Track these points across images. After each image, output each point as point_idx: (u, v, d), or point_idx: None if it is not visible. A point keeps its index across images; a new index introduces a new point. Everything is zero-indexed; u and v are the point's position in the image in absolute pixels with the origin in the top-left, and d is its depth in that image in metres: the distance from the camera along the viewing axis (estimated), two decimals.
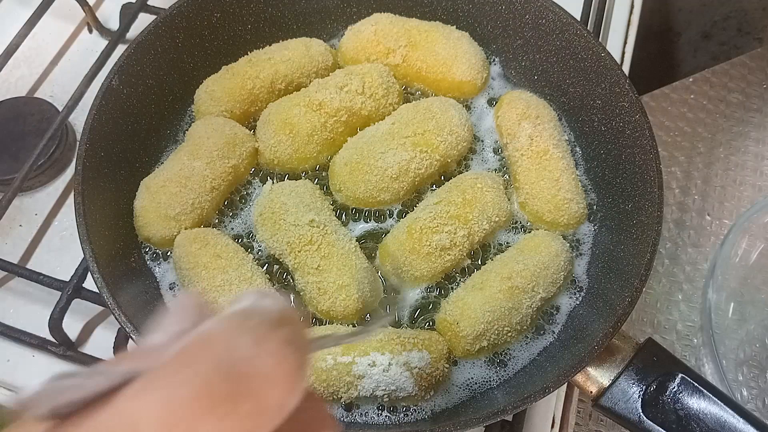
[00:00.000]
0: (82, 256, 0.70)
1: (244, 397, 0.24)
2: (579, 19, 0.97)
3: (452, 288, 0.79)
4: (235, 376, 0.24)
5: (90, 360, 0.79)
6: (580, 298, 0.80)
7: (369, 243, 0.83)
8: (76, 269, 0.81)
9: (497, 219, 0.80)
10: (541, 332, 0.78)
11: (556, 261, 0.77)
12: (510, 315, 0.73)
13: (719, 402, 0.67)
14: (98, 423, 0.24)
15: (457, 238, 0.77)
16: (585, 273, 0.82)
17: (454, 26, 0.92)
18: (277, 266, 0.80)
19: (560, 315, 0.79)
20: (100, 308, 0.84)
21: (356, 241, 0.79)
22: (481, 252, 0.82)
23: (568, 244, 0.81)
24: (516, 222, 0.84)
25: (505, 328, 0.73)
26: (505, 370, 0.75)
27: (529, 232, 0.83)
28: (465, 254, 0.79)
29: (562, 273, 0.78)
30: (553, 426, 0.81)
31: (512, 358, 0.76)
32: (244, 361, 0.25)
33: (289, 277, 0.80)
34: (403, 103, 0.89)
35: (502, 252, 0.81)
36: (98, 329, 0.84)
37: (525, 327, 0.76)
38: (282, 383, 0.25)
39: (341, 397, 0.69)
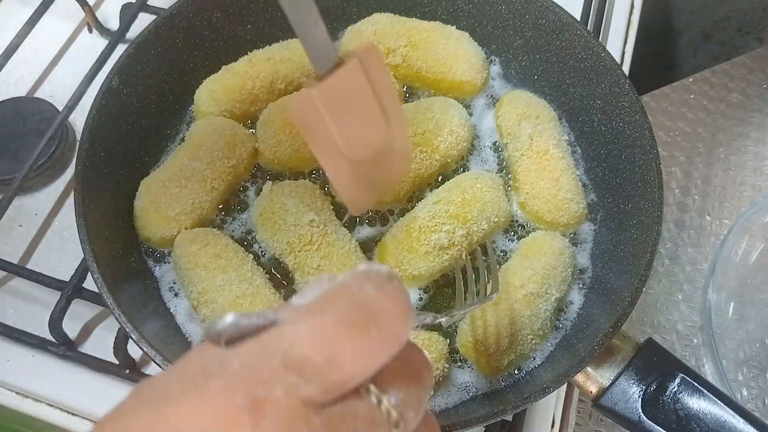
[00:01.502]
0: (82, 256, 0.70)
1: (372, 325, 0.32)
2: (579, 19, 0.97)
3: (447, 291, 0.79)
4: (365, 310, 0.32)
5: (90, 360, 0.79)
6: (581, 298, 0.80)
7: (369, 243, 0.83)
8: (76, 269, 0.81)
9: (496, 219, 0.80)
10: (559, 330, 0.78)
11: (562, 259, 0.77)
12: (531, 322, 0.74)
13: (719, 402, 0.67)
14: (261, 342, 0.31)
15: (455, 238, 0.77)
16: (585, 273, 0.82)
17: (454, 26, 0.92)
18: (277, 266, 0.80)
19: (571, 310, 0.79)
20: (100, 308, 0.84)
21: (356, 241, 0.79)
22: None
23: (568, 240, 0.81)
24: (514, 221, 0.85)
25: (529, 336, 0.74)
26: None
27: (528, 234, 0.83)
28: (463, 254, 0.79)
29: (570, 269, 0.78)
30: (553, 426, 0.81)
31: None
32: (370, 299, 0.32)
33: (289, 277, 0.80)
34: (403, 103, 0.89)
35: (506, 259, 0.81)
36: (98, 329, 0.84)
37: (546, 330, 0.76)
38: (398, 316, 0.33)
39: None
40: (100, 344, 0.82)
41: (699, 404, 0.67)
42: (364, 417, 0.32)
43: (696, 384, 0.68)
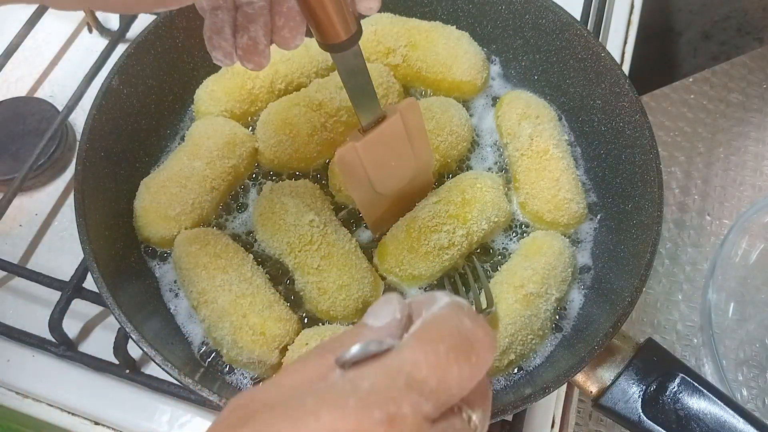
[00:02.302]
0: (82, 256, 0.70)
1: (472, 353, 0.37)
2: (579, 19, 0.97)
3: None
4: (467, 341, 0.37)
5: (90, 360, 0.79)
6: (581, 298, 0.80)
7: (369, 243, 0.83)
8: (76, 269, 0.81)
9: (496, 219, 0.80)
10: (559, 330, 0.78)
11: (561, 259, 0.77)
12: (531, 322, 0.73)
13: (719, 402, 0.67)
14: (385, 366, 0.36)
15: (455, 238, 0.77)
16: (585, 273, 0.82)
17: (454, 26, 0.92)
18: (277, 266, 0.80)
19: (571, 310, 0.79)
20: (100, 308, 0.84)
21: (356, 241, 0.79)
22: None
23: (568, 240, 0.81)
24: (514, 221, 0.85)
25: (529, 336, 0.74)
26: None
27: (528, 234, 0.83)
28: (463, 254, 0.79)
29: (570, 269, 0.78)
30: (553, 426, 0.81)
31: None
32: (469, 331, 0.38)
33: (289, 277, 0.80)
34: None
35: (507, 258, 0.81)
36: (98, 329, 0.84)
37: (546, 330, 0.76)
38: (490, 347, 0.38)
39: None
40: (100, 344, 0.82)
41: (699, 404, 0.67)
42: (460, 431, 0.37)
43: (696, 384, 0.68)
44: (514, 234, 0.84)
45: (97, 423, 0.78)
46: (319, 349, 0.39)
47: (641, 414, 0.68)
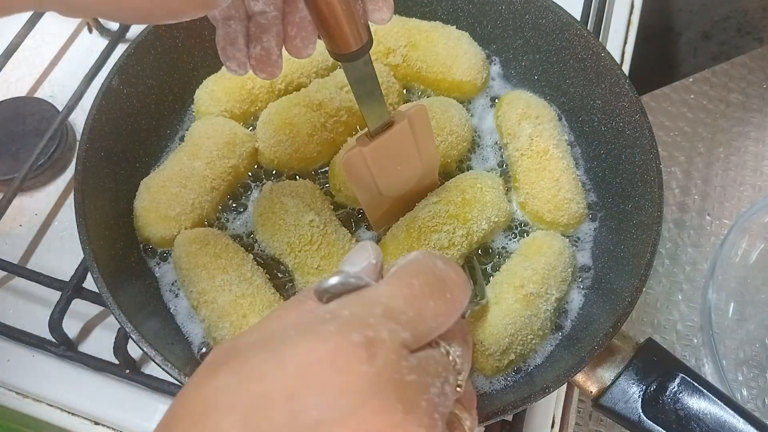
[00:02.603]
0: (82, 256, 0.70)
1: (446, 290, 0.40)
2: (579, 19, 0.97)
3: None
4: (440, 279, 0.40)
5: (90, 360, 0.79)
6: (581, 298, 0.80)
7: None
8: (76, 269, 0.81)
9: (496, 219, 0.80)
10: (559, 330, 0.78)
11: (562, 259, 0.77)
12: (531, 322, 0.73)
13: (719, 402, 0.67)
14: (362, 297, 0.39)
15: (455, 238, 0.77)
16: (585, 273, 0.82)
17: (454, 26, 0.92)
18: (277, 266, 0.80)
19: (571, 310, 0.79)
20: (100, 308, 0.84)
21: (356, 241, 0.79)
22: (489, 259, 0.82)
23: (568, 240, 0.81)
24: (514, 221, 0.85)
25: (529, 336, 0.73)
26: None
27: (528, 234, 0.83)
28: (463, 254, 0.79)
29: (570, 269, 0.78)
30: (553, 426, 0.81)
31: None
32: (441, 271, 0.41)
33: (289, 277, 0.80)
34: (403, 103, 0.89)
35: (507, 258, 0.81)
36: (98, 329, 0.84)
37: (546, 330, 0.76)
38: (462, 286, 0.41)
39: None
40: (100, 344, 0.82)
41: (699, 404, 0.67)
42: (440, 362, 0.39)
43: (696, 384, 0.68)
44: (513, 234, 0.84)
45: (97, 423, 0.78)
46: (299, 295, 0.42)
47: (641, 414, 0.68)
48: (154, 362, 0.65)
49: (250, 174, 0.86)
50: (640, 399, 0.68)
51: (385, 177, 0.74)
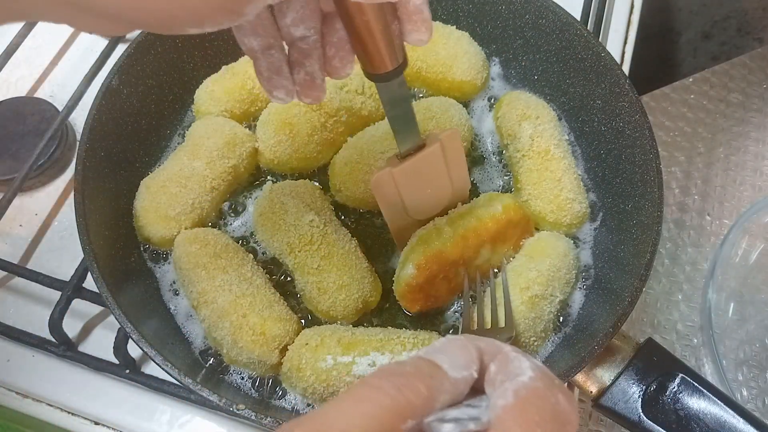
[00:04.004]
0: (82, 256, 0.70)
1: None
2: (579, 19, 0.97)
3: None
4: (561, 424, 0.36)
5: (90, 360, 0.79)
6: (582, 298, 0.80)
7: (369, 243, 0.83)
8: (76, 269, 0.81)
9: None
10: (559, 330, 0.78)
11: (566, 261, 0.77)
12: (535, 324, 0.73)
13: (719, 402, 0.67)
14: None
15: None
16: (585, 273, 0.82)
17: (454, 26, 0.92)
18: (277, 266, 0.80)
19: (572, 310, 0.79)
20: (100, 308, 0.84)
21: (356, 241, 0.79)
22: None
23: (572, 241, 0.81)
24: None
25: (531, 338, 0.74)
26: None
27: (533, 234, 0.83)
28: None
29: (574, 271, 0.78)
30: None
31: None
32: (564, 414, 0.36)
33: (289, 277, 0.80)
34: None
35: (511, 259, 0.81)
36: (98, 329, 0.84)
37: (548, 332, 0.76)
38: (576, 426, 0.37)
39: None
40: (100, 344, 0.82)
41: (699, 404, 0.67)
42: None
43: (696, 384, 0.68)
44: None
45: (97, 423, 0.78)
46: (391, 389, 0.35)
47: (641, 414, 0.68)
48: (154, 362, 0.65)
49: (250, 174, 0.86)
50: (640, 399, 0.68)
51: (414, 199, 0.73)
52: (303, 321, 0.78)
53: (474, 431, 0.35)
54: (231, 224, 0.83)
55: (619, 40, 1.09)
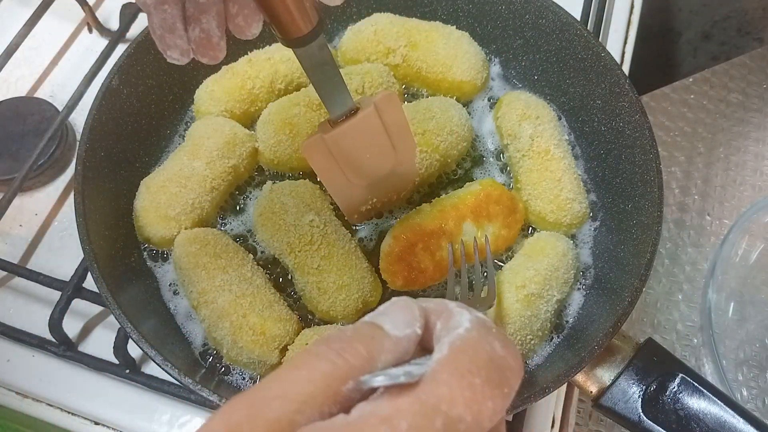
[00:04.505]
0: (82, 256, 0.70)
1: (504, 384, 0.35)
2: (579, 19, 0.97)
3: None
4: (500, 370, 0.35)
5: (90, 360, 0.79)
6: (581, 299, 0.80)
7: (369, 243, 0.83)
8: (76, 269, 0.81)
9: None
10: (559, 330, 0.78)
11: (565, 261, 0.77)
12: (531, 323, 0.73)
13: (719, 402, 0.67)
14: (421, 402, 0.33)
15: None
16: (585, 273, 0.82)
17: (454, 26, 0.92)
18: (277, 266, 0.80)
19: (572, 310, 0.79)
20: (100, 308, 0.84)
21: (356, 241, 0.79)
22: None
23: (572, 242, 0.81)
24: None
25: (528, 337, 0.74)
26: None
27: (532, 234, 0.83)
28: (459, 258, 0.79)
29: (572, 271, 0.78)
30: (553, 426, 0.81)
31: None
32: (502, 359, 0.36)
33: (289, 277, 0.80)
34: (403, 103, 0.89)
35: (509, 258, 0.81)
36: (98, 329, 0.84)
37: (546, 331, 0.76)
38: (519, 374, 0.36)
39: None
40: (100, 344, 0.82)
41: (699, 404, 0.67)
42: None
43: (696, 384, 0.68)
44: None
45: (97, 423, 0.78)
46: (330, 353, 0.35)
47: (641, 414, 0.68)
48: (154, 362, 0.65)
49: (250, 174, 0.86)
50: (640, 399, 0.68)
51: (353, 165, 0.69)
52: (303, 321, 0.78)
53: (406, 383, 0.34)
54: (231, 224, 0.83)
55: (619, 40, 1.09)
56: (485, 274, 0.76)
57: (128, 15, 1.03)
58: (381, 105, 0.66)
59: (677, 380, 0.68)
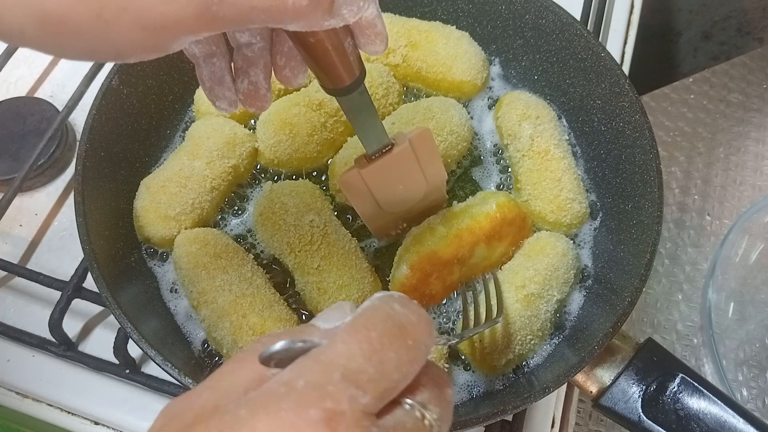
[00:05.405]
0: (82, 256, 0.70)
1: (407, 336, 0.36)
2: (579, 19, 0.97)
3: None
4: (399, 324, 0.37)
5: (90, 360, 0.79)
6: (581, 298, 0.80)
7: (369, 243, 0.83)
8: (76, 269, 0.81)
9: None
10: (559, 330, 0.78)
11: (565, 261, 0.77)
12: (531, 323, 0.73)
13: (719, 402, 0.67)
14: (318, 361, 0.35)
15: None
16: (585, 273, 0.82)
17: (454, 26, 0.92)
18: (277, 266, 0.80)
19: (571, 310, 0.79)
20: (100, 308, 0.84)
21: (356, 241, 0.79)
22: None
23: (572, 241, 0.81)
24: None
25: (528, 337, 0.74)
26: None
27: (533, 233, 0.83)
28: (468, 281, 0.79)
29: (572, 271, 0.78)
30: (553, 426, 0.81)
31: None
32: (399, 315, 0.37)
33: (289, 277, 0.80)
34: (403, 103, 0.89)
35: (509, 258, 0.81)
36: (98, 329, 0.84)
37: (546, 331, 0.76)
38: (424, 328, 0.38)
39: None
40: (100, 344, 0.82)
41: (699, 404, 0.67)
42: (412, 429, 0.36)
43: (696, 384, 0.68)
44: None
45: (97, 423, 0.78)
46: (245, 355, 0.38)
47: (641, 414, 0.68)
48: (154, 362, 0.65)
49: (250, 174, 0.86)
50: (640, 399, 0.68)
51: (387, 196, 0.73)
52: (303, 321, 0.78)
53: (303, 348, 0.36)
54: (231, 224, 0.83)
55: (619, 40, 1.09)
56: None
57: None
58: (415, 141, 0.69)
59: (677, 380, 0.68)
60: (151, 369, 0.80)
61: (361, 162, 0.68)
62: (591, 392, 0.70)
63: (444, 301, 0.79)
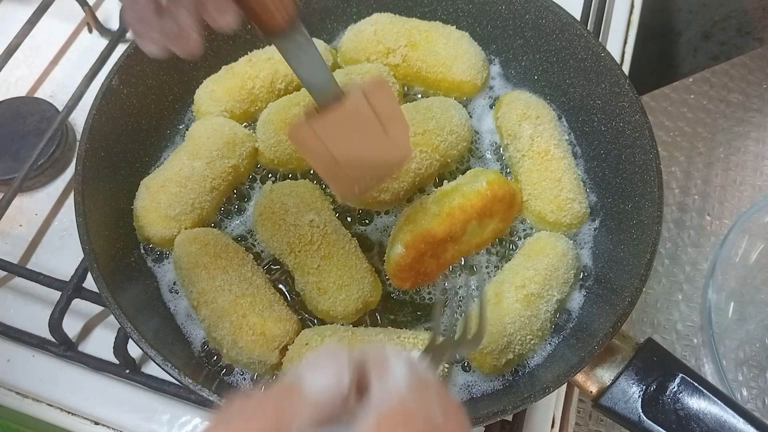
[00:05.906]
0: (82, 256, 0.70)
1: None
2: (579, 19, 0.97)
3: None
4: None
5: (90, 360, 0.79)
6: (581, 298, 0.80)
7: (369, 243, 0.83)
8: (76, 269, 0.81)
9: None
10: (559, 330, 0.78)
11: (565, 261, 0.77)
12: (531, 323, 0.73)
13: (719, 402, 0.67)
14: None
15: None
16: (585, 273, 0.82)
17: (454, 26, 0.92)
18: (277, 266, 0.80)
19: (572, 310, 0.79)
20: (100, 308, 0.84)
21: (356, 241, 0.79)
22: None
23: (572, 241, 0.81)
24: (521, 220, 0.85)
25: (528, 337, 0.74)
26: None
27: (532, 234, 0.83)
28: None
29: (572, 271, 0.78)
30: (553, 426, 0.81)
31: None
32: (439, 428, 0.33)
33: (289, 277, 0.80)
34: (403, 103, 0.89)
35: (509, 258, 0.81)
36: (98, 329, 0.84)
37: (546, 331, 0.76)
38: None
39: None
40: (100, 344, 0.82)
41: (699, 404, 0.67)
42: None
43: (696, 384, 0.68)
44: (518, 233, 0.84)
45: (97, 423, 0.78)
46: (238, 421, 0.33)
47: (641, 414, 0.68)
48: (154, 362, 0.65)
49: (250, 174, 0.86)
50: (640, 399, 0.68)
51: (344, 151, 0.68)
52: (303, 321, 0.78)
53: None
54: (231, 224, 0.83)
55: (619, 40, 1.09)
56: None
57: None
58: (369, 91, 0.65)
59: (677, 380, 0.68)
60: (151, 369, 0.80)
61: (312, 114, 0.64)
62: (591, 392, 0.70)
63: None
